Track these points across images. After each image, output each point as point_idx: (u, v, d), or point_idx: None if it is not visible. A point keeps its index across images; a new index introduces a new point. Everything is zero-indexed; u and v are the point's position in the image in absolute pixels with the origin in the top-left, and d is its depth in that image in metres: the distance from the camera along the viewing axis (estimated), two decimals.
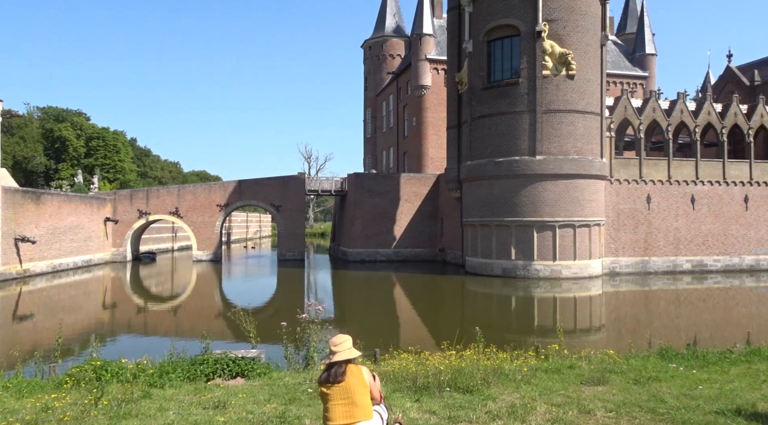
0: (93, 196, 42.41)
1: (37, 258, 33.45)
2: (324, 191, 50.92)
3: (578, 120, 32.80)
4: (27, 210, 32.56)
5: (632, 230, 35.47)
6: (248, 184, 46.44)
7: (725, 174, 37.03)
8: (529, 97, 32.69)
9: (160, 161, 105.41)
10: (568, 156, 32.38)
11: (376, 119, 69.00)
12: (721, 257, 36.92)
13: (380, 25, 66.32)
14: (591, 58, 33.33)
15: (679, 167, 36.44)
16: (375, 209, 45.76)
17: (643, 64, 57.60)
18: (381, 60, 66.12)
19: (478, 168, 34.47)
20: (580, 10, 32.94)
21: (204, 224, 44.98)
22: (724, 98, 44.31)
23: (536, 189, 32.47)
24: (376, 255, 45.45)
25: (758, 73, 47.39)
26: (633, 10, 60.63)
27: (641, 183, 35.71)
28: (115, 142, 75.30)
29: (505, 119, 33.42)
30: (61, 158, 70.40)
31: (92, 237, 40.57)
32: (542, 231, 32.34)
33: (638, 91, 55.45)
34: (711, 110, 37.15)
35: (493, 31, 34.21)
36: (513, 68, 33.50)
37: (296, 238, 47.01)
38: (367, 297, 29.11)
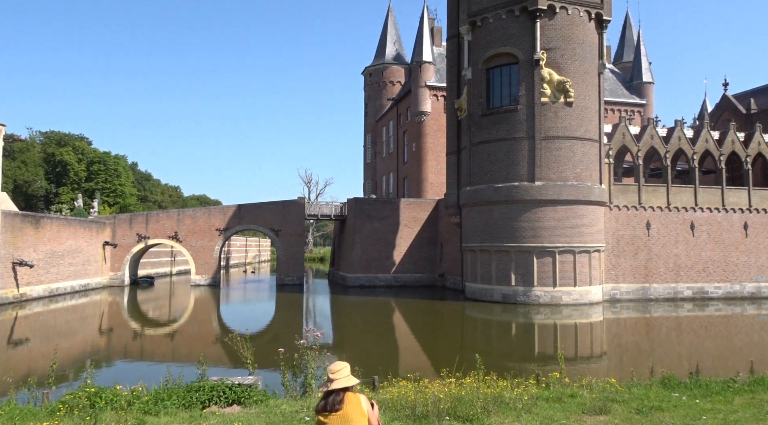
0: (92, 220, 42.41)
1: (35, 282, 33.26)
2: (323, 216, 50.95)
3: (577, 146, 33.02)
4: (26, 234, 32.51)
5: (632, 256, 35.39)
6: (248, 208, 46.48)
7: (724, 201, 37.10)
8: (528, 123, 32.97)
9: (161, 185, 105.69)
10: (567, 182, 32.50)
11: (376, 144, 69.47)
12: (722, 284, 36.74)
13: (381, 53, 67.29)
14: (589, 86, 33.73)
15: (678, 193, 36.55)
16: (374, 234, 45.72)
17: (640, 92, 58.28)
18: (381, 86, 66.90)
19: (478, 193, 34.56)
20: (577, 39, 33.45)
21: (203, 248, 44.87)
22: (721, 126, 44.69)
23: (536, 215, 32.50)
24: (376, 280, 45.24)
25: (754, 102, 47.90)
26: (629, 39, 61.64)
27: (640, 209, 35.76)
28: (116, 166, 75.61)
29: (504, 145, 33.65)
30: (61, 182, 70.60)
31: (90, 261, 40.42)
32: (542, 257, 32.25)
33: (636, 118, 55.98)
34: (708, 137, 37.44)
35: (491, 59, 34.69)
36: (512, 95, 33.86)
37: (295, 262, 46.85)
38: (365, 323, 28.87)
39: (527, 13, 33.02)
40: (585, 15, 33.66)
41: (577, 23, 33.47)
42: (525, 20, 33.22)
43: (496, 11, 34.14)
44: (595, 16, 33.96)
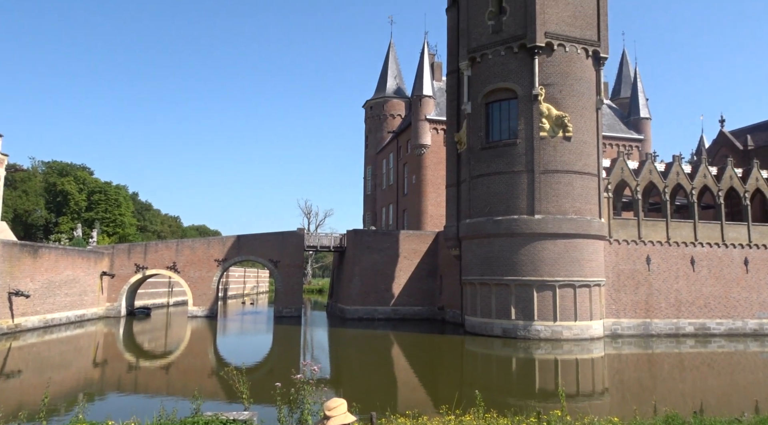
0: (91, 250, 42.27)
1: (30, 313, 32.94)
2: (323, 247, 50.81)
3: (576, 180, 33.18)
4: (23, 264, 32.36)
5: (633, 291, 35.16)
6: (247, 239, 46.41)
7: (724, 236, 37.07)
8: (527, 157, 33.21)
9: (161, 215, 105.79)
10: (566, 216, 32.54)
11: (376, 176, 69.86)
12: (723, 320, 36.39)
13: (381, 87, 68.36)
14: (587, 121, 34.11)
15: (678, 228, 36.55)
16: (374, 266, 45.52)
17: (638, 128, 58.95)
18: (382, 119, 67.71)
19: (477, 226, 34.56)
20: (575, 75, 34.00)
21: (201, 279, 44.61)
22: (718, 162, 45.03)
23: (535, 248, 32.43)
24: (374, 313, 44.82)
25: (751, 138, 48.40)
26: (626, 76, 62.71)
27: (640, 244, 35.70)
28: (116, 196, 75.83)
29: (503, 178, 33.82)
30: (62, 211, 70.68)
31: (87, 292, 40.12)
32: (542, 291, 32.04)
33: (634, 153, 56.47)
34: (707, 172, 37.67)
35: (491, 93, 35.17)
36: (511, 129, 34.21)
37: (294, 294, 46.52)
38: (364, 357, 28.47)
39: (526, 50, 33.65)
40: (582, 52, 34.30)
41: (574, 60, 34.07)
42: (523, 57, 33.84)
43: (495, 48, 34.80)
44: (592, 54, 34.59)
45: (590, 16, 34.63)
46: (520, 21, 33.92)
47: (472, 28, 36.24)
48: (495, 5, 35.31)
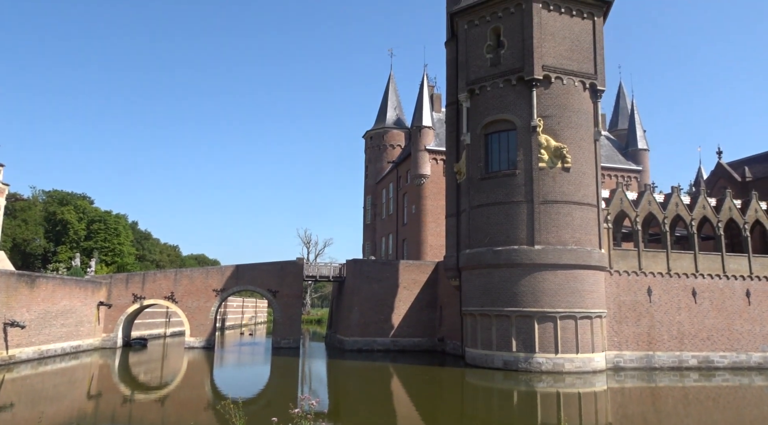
0: (89, 279, 42.01)
1: (25, 344, 32.52)
2: (322, 277, 50.53)
3: (575, 211, 33.21)
4: (20, 294, 32.10)
5: (635, 323, 34.81)
6: (245, 269, 46.17)
7: (725, 268, 36.90)
8: (527, 187, 33.31)
9: (160, 244, 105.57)
10: (566, 246, 32.45)
11: (375, 206, 70.00)
12: (727, 353, 35.92)
13: (381, 117, 69.12)
14: (585, 152, 34.34)
15: (678, 259, 36.42)
16: (373, 297, 45.18)
17: (636, 159, 59.36)
18: (382, 150, 68.24)
19: (477, 256, 34.43)
20: (572, 107, 34.38)
21: (199, 309, 44.22)
22: (717, 193, 45.18)
23: (536, 279, 32.24)
24: (374, 344, 44.30)
25: (749, 170, 48.68)
26: (624, 108, 63.47)
27: (641, 275, 35.51)
28: (116, 225, 75.79)
29: (503, 209, 33.85)
30: (61, 240, 70.54)
31: (84, 322, 39.71)
32: (543, 322, 31.72)
33: (633, 183, 56.74)
34: (706, 204, 37.76)
35: (489, 125, 35.50)
36: (510, 160, 34.41)
37: (292, 325, 46.05)
38: (363, 390, 28.00)
39: (524, 82, 34.11)
40: (579, 85, 34.76)
41: (572, 92, 34.51)
42: (522, 89, 34.28)
43: (493, 80, 35.28)
44: (590, 86, 35.05)
45: (587, 50, 35.21)
46: (517, 54, 34.48)
47: (470, 61, 36.81)
48: (493, 39, 35.96)
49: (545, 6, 34.39)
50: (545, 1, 34.34)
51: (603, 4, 35.89)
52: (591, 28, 35.55)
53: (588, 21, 35.57)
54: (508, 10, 35.14)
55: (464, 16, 37.25)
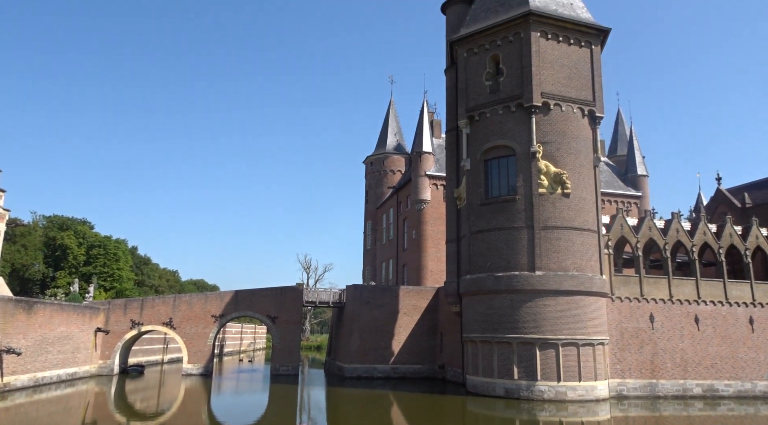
0: (87, 305, 41.70)
1: (20, 371, 32.11)
2: (322, 303, 50.16)
3: (576, 237, 33.13)
4: (17, 320, 31.81)
5: (637, 350, 34.42)
6: (245, 294, 45.86)
7: (727, 294, 36.64)
8: (527, 213, 33.28)
9: (159, 269, 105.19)
10: (567, 272, 32.27)
11: (376, 231, 69.92)
12: (732, 381, 35.40)
13: (382, 143, 69.55)
14: (585, 178, 34.41)
15: (680, 285, 36.18)
16: (373, 323, 44.79)
17: (635, 184, 59.51)
18: (382, 175, 68.48)
19: (478, 282, 34.22)
20: (571, 134, 34.58)
21: (197, 335, 43.78)
22: (717, 219, 45.13)
23: (537, 305, 31.98)
24: (373, 371, 43.73)
25: (748, 196, 48.74)
26: (622, 134, 63.93)
27: (643, 301, 35.24)
28: (115, 250, 75.61)
29: (503, 234, 33.77)
30: (60, 265, 70.28)
31: (80, 349, 39.27)
32: (545, 349, 31.35)
33: (633, 209, 56.76)
34: (706, 230, 37.69)
35: (489, 150, 35.65)
36: (510, 185, 34.45)
37: (291, 351, 45.53)
38: (362, 418, 27.53)
39: (523, 109, 34.39)
40: (578, 111, 35.03)
41: (571, 119, 34.75)
42: (521, 115, 34.52)
43: (493, 107, 35.57)
44: (588, 113, 35.32)
45: (585, 78, 35.59)
46: (516, 82, 34.83)
47: (470, 88, 37.17)
48: (492, 67, 36.37)
49: (543, 35, 34.87)
50: (543, 30, 34.83)
51: (600, 33, 36.41)
52: (589, 56, 35.99)
53: (585, 49, 36.03)
54: (507, 38, 35.63)
55: (463, 45, 37.75)
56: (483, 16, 37.44)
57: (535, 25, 34.61)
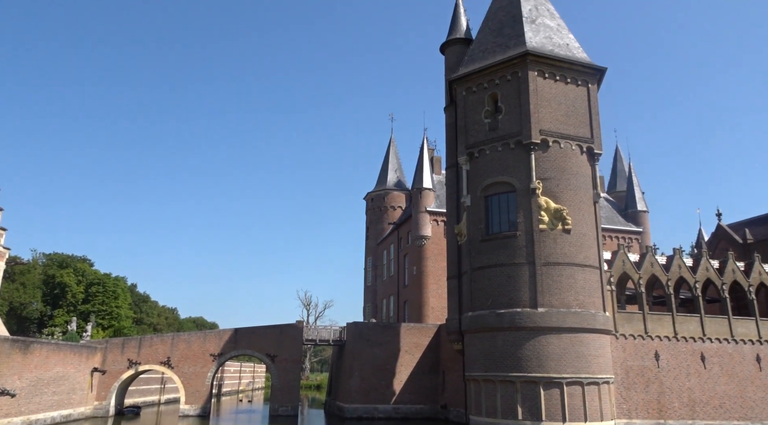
0: (84, 344, 41.16)
1: (14, 413, 31.43)
2: (322, 341, 49.51)
3: (578, 273, 32.91)
4: (13, 360, 31.34)
5: (643, 389, 33.76)
6: (244, 332, 45.33)
7: (732, 331, 36.18)
8: (528, 249, 33.15)
9: (158, 307, 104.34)
10: (570, 309, 31.94)
11: (376, 267, 69.61)
12: (741, 422, 34.56)
13: (382, 179, 69.98)
14: (585, 214, 34.42)
15: (684, 322, 35.76)
16: (374, 361, 44.10)
17: (636, 220, 59.53)
18: (382, 211, 68.64)
19: (480, 319, 33.82)
20: (571, 170, 34.77)
21: (195, 375, 43.06)
22: (719, 255, 44.99)
23: (540, 343, 31.51)
24: (374, 412, 42.82)
25: (749, 232, 48.70)
26: (621, 170, 64.30)
27: (647, 339, 34.77)
28: (114, 288, 75.19)
29: (504, 271, 33.55)
30: (58, 303, 69.75)
31: (76, 389, 38.55)
32: (549, 389, 30.73)
33: (634, 245, 56.60)
34: (709, 266, 37.50)
35: (489, 187, 35.78)
36: (510, 221, 34.42)
37: (290, 391, 44.68)
38: None
39: (522, 146, 34.67)
40: (577, 148, 35.31)
41: (569, 156, 35.01)
42: (520, 152, 34.78)
43: (492, 144, 35.87)
44: (587, 150, 35.59)
45: (582, 115, 36.01)
46: (515, 119, 35.23)
47: (469, 125, 37.58)
48: (491, 105, 36.87)
49: (540, 74, 35.47)
50: (540, 70, 35.44)
51: (596, 72, 37.05)
52: (586, 94, 36.51)
53: (582, 88, 36.58)
54: (505, 77, 36.23)
55: (462, 83, 38.37)
56: (481, 56, 38.19)
57: (533, 65, 35.24)
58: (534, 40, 36.37)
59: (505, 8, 39.26)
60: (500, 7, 39.72)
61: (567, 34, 38.39)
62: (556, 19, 39.18)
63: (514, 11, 38.46)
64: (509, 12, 38.73)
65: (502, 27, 38.33)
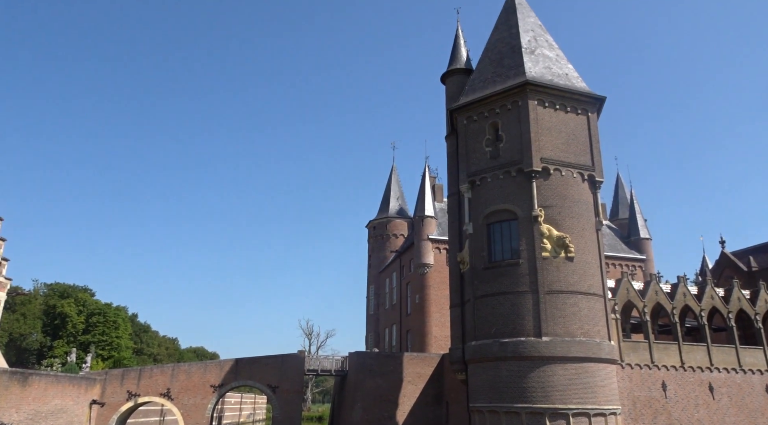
0: (83, 376, 40.66)
1: None
2: (324, 371, 48.86)
3: (582, 301, 32.62)
4: (11, 393, 30.93)
5: (651, 420, 33.10)
6: (245, 363, 44.79)
7: (740, 361, 35.63)
8: (531, 277, 32.94)
9: (158, 337, 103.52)
10: (575, 338, 31.55)
11: (378, 295, 69.21)
12: None
13: (384, 207, 70.11)
14: (588, 242, 34.30)
15: (691, 351, 35.27)
16: (376, 391, 43.44)
17: (639, 248, 59.30)
18: (385, 239, 68.58)
19: (483, 349, 33.41)
20: (572, 197, 34.80)
21: (195, 406, 42.39)
22: (723, 283, 44.65)
23: (545, 373, 31.04)
24: None
25: (754, 260, 48.43)
26: (623, 197, 64.36)
27: (654, 368, 34.26)
28: (115, 318, 74.74)
29: (508, 299, 33.29)
30: (58, 334, 69.24)
31: (74, 422, 37.90)
32: (555, 420, 30.11)
33: (638, 273, 56.25)
34: (714, 294, 37.18)
35: (491, 215, 35.77)
36: (513, 249, 34.30)
37: (292, 423, 43.87)
38: None
39: (523, 174, 34.79)
40: (578, 176, 35.41)
41: (571, 183, 35.09)
42: (521, 180, 34.88)
43: (493, 172, 36.00)
44: (588, 177, 35.69)
45: (583, 143, 36.23)
46: (516, 147, 35.44)
47: (470, 153, 37.81)
48: (492, 133, 37.15)
49: (540, 103, 35.82)
50: (540, 99, 35.81)
51: (595, 101, 37.42)
52: (585, 122, 36.80)
53: (582, 116, 36.89)
54: (506, 106, 36.59)
55: (463, 113, 38.74)
56: (481, 85, 38.66)
57: (532, 94, 35.62)
58: (533, 70, 36.85)
59: (505, 40, 39.93)
60: (499, 39, 40.40)
61: (566, 64, 38.92)
62: (555, 50, 39.78)
63: (513, 42, 39.09)
64: (508, 43, 39.37)
65: (501, 58, 38.90)
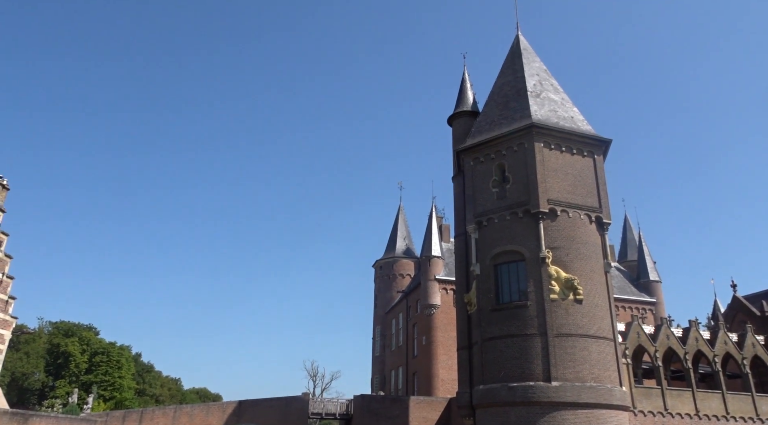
0: (84, 418, 39.95)
1: None
2: (328, 415, 47.82)
3: (592, 345, 32.01)
4: None
5: None
6: (248, 405, 43.97)
7: (757, 410, 34.57)
8: (539, 320, 32.47)
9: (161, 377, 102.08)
10: (585, 383, 30.82)
11: (385, 336, 68.31)
12: None
13: (391, 247, 69.98)
14: (597, 284, 33.92)
15: (705, 399, 34.30)
16: None
17: (649, 290, 58.57)
18: (391, 279, 68.16)
19: (492, 393, 32.65)
20: (580, 239, 34.64)
21: None
22: (736, 327, 43.79)
23: (555, 419, 30.19)
24: None
25: (767, 304, 47.58)
26: (631, 239, 64.00)
27: (667, 416, 33.27)
28: (119, 357, 74.00)
29: (516, 342, 32.74)
30: (60, 374, 68.51)
31: None
32: None
33: (648, 316, 55.39)
34: (727, 339, 36.44)
35: (498, 255, 35.59)
36: (521, 291, 33.94)
37: None
38: None
39: (530, 215, 34.77)
40: (585, 218, 35.34)
41: (578, 225, 35.00)
42: (528, 221, 34.83)
43: (500, 213, 36.02)
44: (596, 219, 35.60)
45: (590, 185, 36.31)
46: (523, 189, 35.56)
47: (477, 194, 37.93)
48: (498, 174, 37.37)
49: (546, 145, 36.13)
50: (546, 141, 36.14)
51: (601, 143, 37.71)
52: (592, 165, 36.99)
53: (588, 159, 37.12)
54: (512, 148, 36.93)
55: (469, 154, 39.10)
56: (487, 127, 39.15)
57: (538, 137, 35.98)
58: (539, 113, 37.33)
59: (510, 83, 40.66)
60: (505, 82, 41.15)
61: (571, 108, 39.44)
62: (560, 94, 40.40)
63: (519, 86, 39.78)
64: (514, 87, 40.07)
65: (507, 101, 39.52)
